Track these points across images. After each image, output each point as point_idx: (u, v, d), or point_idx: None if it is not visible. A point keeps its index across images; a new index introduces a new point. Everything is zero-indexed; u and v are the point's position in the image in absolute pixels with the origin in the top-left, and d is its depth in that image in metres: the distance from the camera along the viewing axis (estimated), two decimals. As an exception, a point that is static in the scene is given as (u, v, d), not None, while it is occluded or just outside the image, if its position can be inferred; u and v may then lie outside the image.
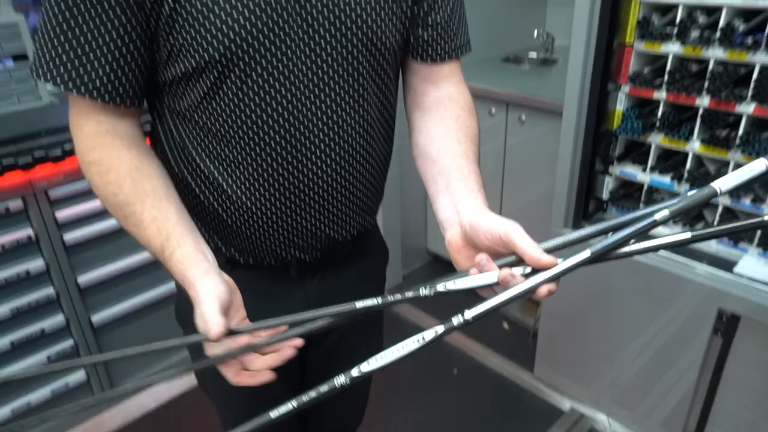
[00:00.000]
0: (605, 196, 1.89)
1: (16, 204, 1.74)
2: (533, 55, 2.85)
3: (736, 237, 1.64)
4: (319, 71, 0.77)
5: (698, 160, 1.69)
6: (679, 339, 1.75)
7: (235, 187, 0.84)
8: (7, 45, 1.91)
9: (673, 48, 1.59)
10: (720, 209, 1.65)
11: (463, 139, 0.85)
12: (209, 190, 0.85)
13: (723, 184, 0.64)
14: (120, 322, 2.06)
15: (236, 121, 0.78)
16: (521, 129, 2.30)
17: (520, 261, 0.64)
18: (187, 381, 2.09)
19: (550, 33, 2.79)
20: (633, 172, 1.81)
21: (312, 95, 0.78)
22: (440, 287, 0.65)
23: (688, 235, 0.63)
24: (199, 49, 0.72)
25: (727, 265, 1.63)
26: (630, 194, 1.88)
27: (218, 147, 0.81)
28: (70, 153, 1.80)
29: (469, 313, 0.61)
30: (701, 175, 1.65)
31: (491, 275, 0.64)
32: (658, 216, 0.63)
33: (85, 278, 1.93)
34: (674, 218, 0.64)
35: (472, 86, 0.96)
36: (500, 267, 0.64)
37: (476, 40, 0.99)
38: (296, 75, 0.76)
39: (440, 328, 0.61)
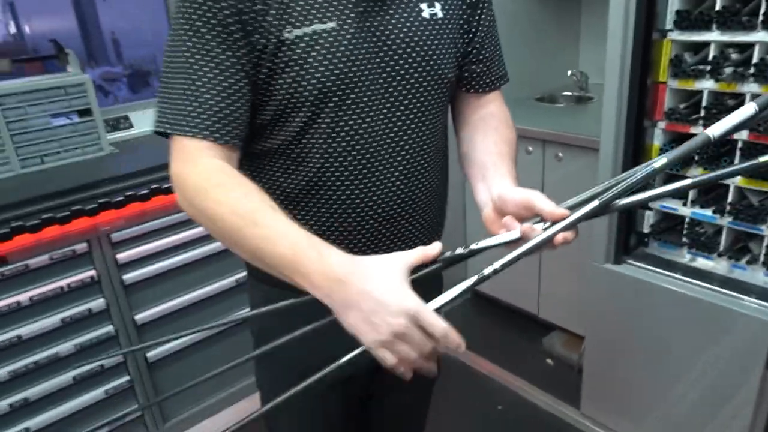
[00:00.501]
0: (646, 229, 1.90)
1: (81, 247, 1.87)
2: (568, 93, 2.90)
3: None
4: (396, 102, 0.90)
5: (740, 192, 1.69)
6: (730, 374, 1.72)
7: (315, 217, 0.93)
8: (75, 101, 2.09)
9: (707, 84, 1.62)
10: (766, 240, 1.64)
11: (499, 142, 0.99)
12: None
13: (715, 130, 0.72)
14: (173, 358, 2.15)
15: (328, 149, 0.88)
16: (558, 165, 2.33)
17: (541, 221, 0.78)
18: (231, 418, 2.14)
19: (584, 72, 2.85)
20: (674, 205, 1.81)
21: (390, 122, 0.91)
22: (473, 246, 0.78)
23: (688, 181, 0.74)
24: (299, 89, 0.83)
25: (777, 299, 1.61)
26: (672, 228, 1.88)
27: (305, 178, 0.91)
28: (131, 199, 1.94)
29: (498, 263, 0.73)
30: (744, 207, 1.65)
31: (515, 232, 0.77)
32: (657, 164, 0.73)
33: (141, 316, 2.03)
34: (672, 166, 0.74)
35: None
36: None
37: (511, 81, 1.12)
38: (377, 106, 0.89)
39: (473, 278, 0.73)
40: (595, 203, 0.74)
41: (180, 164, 0.82)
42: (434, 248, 0.75)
